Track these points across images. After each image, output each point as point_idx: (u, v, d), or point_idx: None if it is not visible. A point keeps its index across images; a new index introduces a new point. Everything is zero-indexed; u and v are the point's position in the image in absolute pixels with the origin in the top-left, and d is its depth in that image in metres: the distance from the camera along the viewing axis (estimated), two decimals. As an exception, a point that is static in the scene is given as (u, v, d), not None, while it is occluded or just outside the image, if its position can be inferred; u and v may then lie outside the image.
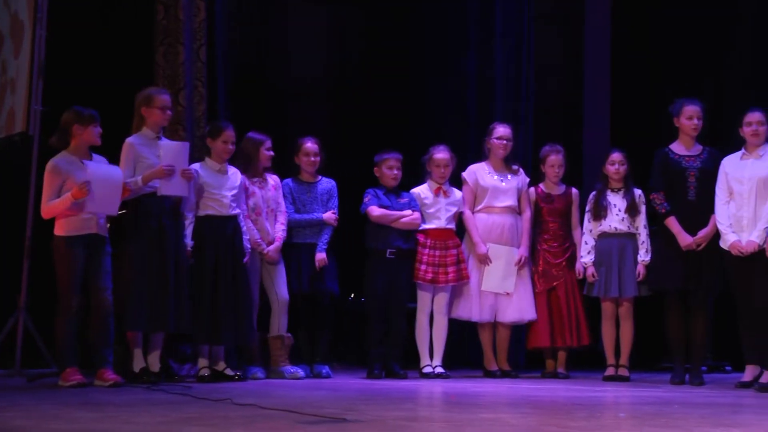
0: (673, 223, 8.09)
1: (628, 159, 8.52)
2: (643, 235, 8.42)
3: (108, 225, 7.47)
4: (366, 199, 8.57)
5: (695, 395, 7.18)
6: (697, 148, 8.23)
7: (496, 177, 8.74)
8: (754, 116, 7.88)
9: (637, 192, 8.48)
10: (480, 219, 8.71)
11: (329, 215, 8.53)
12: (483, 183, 8.72)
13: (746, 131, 7.90)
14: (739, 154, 7.98)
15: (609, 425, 5.46)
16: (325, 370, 8.47)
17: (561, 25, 10.79)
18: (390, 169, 8.60)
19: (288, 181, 8.56)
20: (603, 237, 8.50)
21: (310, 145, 8.60)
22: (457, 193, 8.73)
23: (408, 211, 8.54)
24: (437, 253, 8.56)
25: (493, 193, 8.70)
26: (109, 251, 7.40)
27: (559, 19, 10.77)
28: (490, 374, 8.67)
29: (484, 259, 8.60)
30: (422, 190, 8.70)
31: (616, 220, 8.46)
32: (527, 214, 8.75)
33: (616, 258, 8.42)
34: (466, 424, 5.33)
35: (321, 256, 8.44)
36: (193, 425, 5.09)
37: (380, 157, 8.65)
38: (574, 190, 8.81)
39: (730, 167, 7.95)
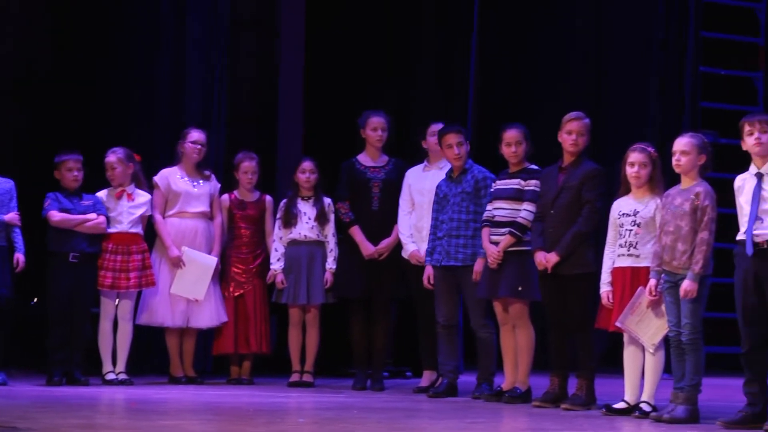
0: (356, 233, 8.28)
1: (318, 168, 8.64)
2: (331, 244, 8.54)
3: None
4: (46, 204, 8.31)
5: (375, 400, 7.38)
6: (383, 159, 8.45)
7: (188, 181, 8.68)
8: (435, 127, 8.16)
9: (327, 201, 8.60)
10: (172, 223, 8.61)
11: (12, 216, 8.24)
12: (175, 187, 8.63)
13: (430, 142, 8.20)
14: (422, 165, 8.28)
15: (288, 430, 5.55)
16: (1, 377, 8.16)
17: (257, 33, 10.80)
18: (69, 171, 8.37)
19: (-38, 180, 8.25)
20: (292, 244, 8.56)
21: None
22: (143, 197, 8.59)
23: (92, 215, 8.35)
24: (119, 258, 8.40)
25: (185, 197, 8.63)
26: None
27: (255, 26, 10.78)
28: (175, 380, 8.58)
29: (177, 262, 8.50)
30: (104, 194, 8.53)
31: (305, 228, 8.55)
32: (218, 219, 8.73)
33: (305, 265, 8.50)
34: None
35: (21, 257, 8.18)
36: None
37: (59, 158, 8.41)
38: (268, 198, 8.85)
39: (413, 178, 8.23)
